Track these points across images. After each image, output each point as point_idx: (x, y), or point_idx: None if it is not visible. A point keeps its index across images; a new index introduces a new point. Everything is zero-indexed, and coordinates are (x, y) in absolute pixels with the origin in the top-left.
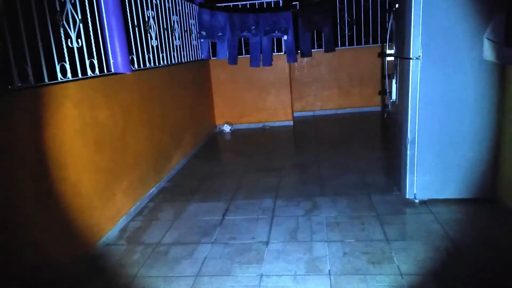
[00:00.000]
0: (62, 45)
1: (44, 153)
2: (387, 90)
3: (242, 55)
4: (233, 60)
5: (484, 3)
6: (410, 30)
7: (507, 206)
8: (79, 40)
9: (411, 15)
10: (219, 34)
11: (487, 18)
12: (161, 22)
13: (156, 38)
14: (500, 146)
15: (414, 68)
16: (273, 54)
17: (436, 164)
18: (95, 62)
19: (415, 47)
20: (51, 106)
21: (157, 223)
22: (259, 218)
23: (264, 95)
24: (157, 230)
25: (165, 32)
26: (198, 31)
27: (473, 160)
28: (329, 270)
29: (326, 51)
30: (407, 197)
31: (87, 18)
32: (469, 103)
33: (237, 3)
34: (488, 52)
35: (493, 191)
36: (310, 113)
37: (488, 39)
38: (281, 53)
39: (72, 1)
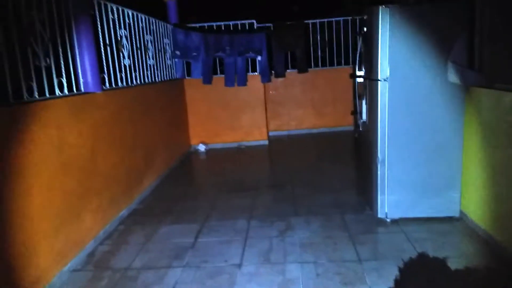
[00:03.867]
0: (29, 64)
1: (7, 175)
2: (358, 111)
3: (217, 74)
4: (207, 80)
5: (448, 28)
6: (378, 53)
7: (474, 225)
8: (47, 58)
9: (379, 39)
10: (193, 54)
11: (451, 42)
12: (134, 41)
13: (128, 57)
14: (465, 166)
15: (383, 90)
16: (248, 74)
17: (405, 184)
18: (64, 81)
19: (383, 69)
20: (15, 128)
21: (127, 247)
22: (232, 240)
23: (239, 114)
24: (126, 254)
25: (139, 51)
26: (172, 50)
27: (441, 179)
28: None
29: (300, 71)
30: (378, 216)
31: (56, 36)
32: (435, 124)
33: (212, 23)
34: (452, 74)
35: (460, 209)
36: (285, 132)
37: (452, 62)
38: (256, 73)
39: (41, 19)
